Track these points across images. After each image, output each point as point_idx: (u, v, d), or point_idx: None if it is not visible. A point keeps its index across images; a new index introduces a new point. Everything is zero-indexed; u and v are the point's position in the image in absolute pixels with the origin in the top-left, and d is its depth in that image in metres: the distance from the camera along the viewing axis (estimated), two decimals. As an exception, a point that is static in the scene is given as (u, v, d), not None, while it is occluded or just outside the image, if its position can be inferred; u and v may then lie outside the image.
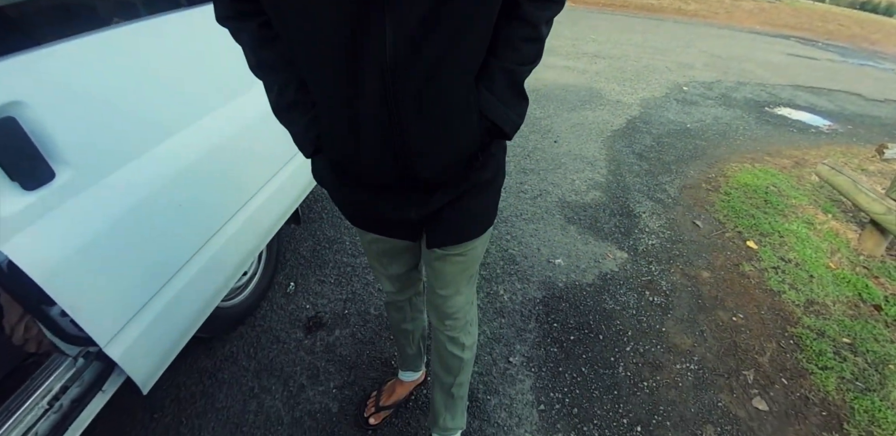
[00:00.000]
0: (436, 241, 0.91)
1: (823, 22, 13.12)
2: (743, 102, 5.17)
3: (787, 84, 6.23)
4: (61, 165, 0.82)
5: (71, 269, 0.82)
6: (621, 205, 2.71)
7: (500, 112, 0.76)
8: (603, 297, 1.93)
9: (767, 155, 3.79)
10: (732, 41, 9.27)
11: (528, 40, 0.72)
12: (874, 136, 4.62)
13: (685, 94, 5.23)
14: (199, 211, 1.16)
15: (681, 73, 6.14)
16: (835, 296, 2.14)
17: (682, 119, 4.41)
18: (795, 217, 2.80)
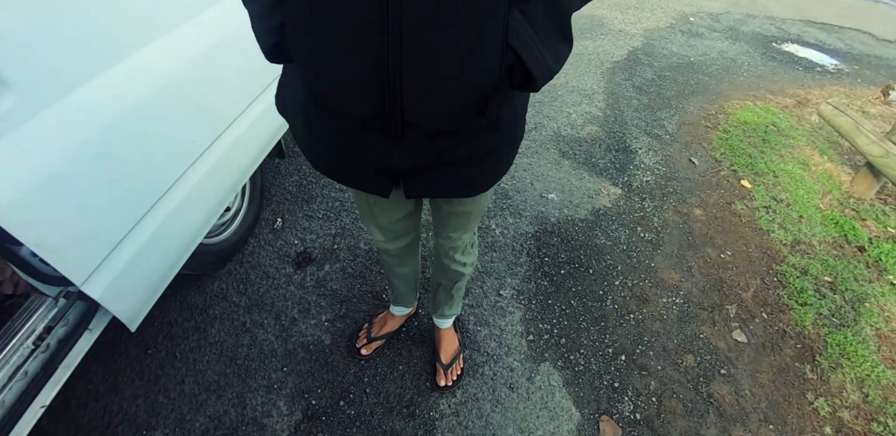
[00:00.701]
0: (415, 190, 0.75)
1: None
2: (750, 37, 4.90)
3: (798, 19, 5.90)
4: (2, 89, 0.71)
5: (32, 204, 0.73)
6: (618, 140, 2.61)
7: (531, 46, 0.57)
8: (595, 232, 1.90)
9: (770, 93, 3.66)
10: (745, -31, 8.63)
11: None
12: (880, 77, 4.47)
13: (691, 26, 4.92)
14: (171, 140, 1.04)
15: (687, 3, 5.74)
16: (821, 236, 2.15)
17: (686, 52, 4.18)
18: (792, 157, 2.75)
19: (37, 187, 0.74)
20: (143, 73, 0.95)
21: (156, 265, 1.03)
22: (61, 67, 0.80)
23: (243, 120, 1.29)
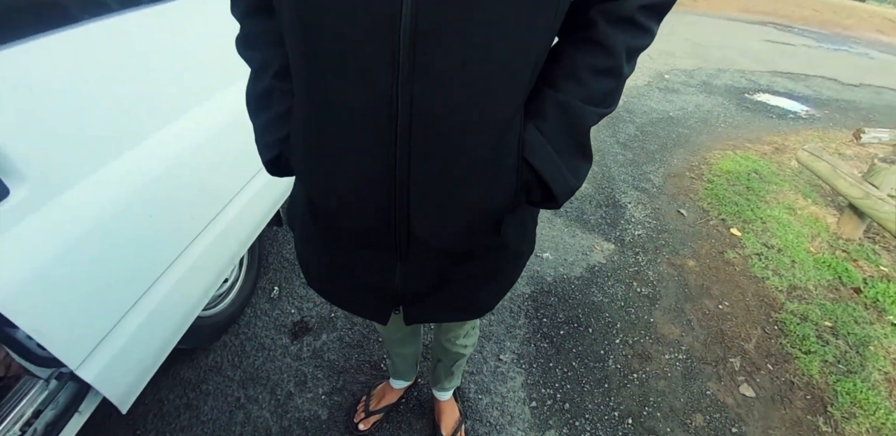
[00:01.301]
0: (416, 317, 0.71)
1: (798, 8, 13.26)
2: (724, 89, 5.20)
3: (766, 70, 6.29)
4: (16, 181, 0.76)
5: (32, 290, 0.77)
6: (607, 196, 2.72)
7: (549, 162, 0.55)
8: (591, 289, 1.94)
9: (748, 141, 3.83)
10: (712, 28, 9.31)
11: (600, 72, 0.54)
12: (850, 120, 4.69)
13: (667, 83, 5.24)
14: (173, 221, 1.10)
15: (662, 62, 6.15)
16: (816, 280, 2.18)
17: (665, 107, 4.42)
18: (777, 203, 2.84)
19: (39, 274, 0.77)
20: (147, 160, 1.02)
21: (151, 344, 1.04)
22: (72, 158, 0.86)
23: (243, 195, 1.35)
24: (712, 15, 11.20)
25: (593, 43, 0.53)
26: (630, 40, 0.53)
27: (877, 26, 12.12)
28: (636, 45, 0.54)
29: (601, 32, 0.52)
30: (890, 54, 8.85)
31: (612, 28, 0.52)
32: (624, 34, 0.52)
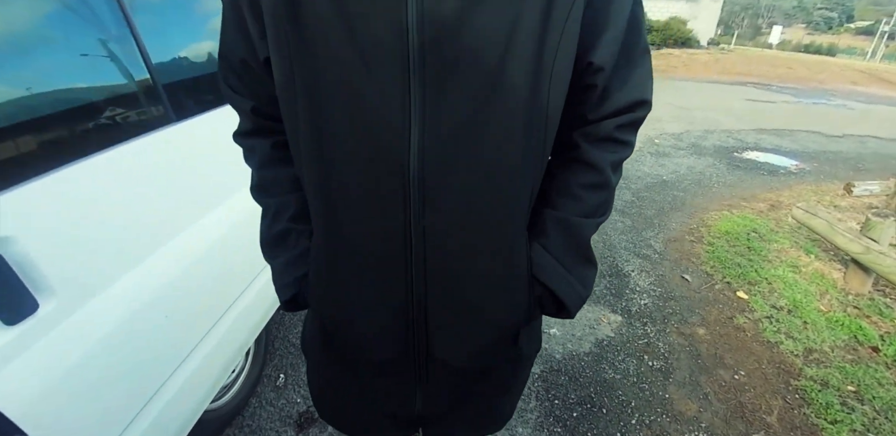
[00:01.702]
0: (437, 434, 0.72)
1: (773, 67, 14.13)
2: (713, 150, 5.45)
3: (751, 128, 6.60)
4: (46, 295, 0.80)
5: (48, 402, 0.79)
6: (609, 265, 2.79)
7: (557, 276, 0.61)
8: (602, 366, 1.95)
9: (743, 200, 3.95)
10: (694, 92, 9.90)
11: (591, 187, 0.61)
12: (840, 171, 4.84)
13: (658, 147, 5.51)
14: (186, 322, 1.16)
15: (651, 127, 6.50)
16: (831, 341, 2.16)
17: (658, 172, 4.62)
18: (780, 262, 2.88)
19: (57, 385, 0.79)
20: (164, 266, 1.09)
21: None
22: (95, 270, 0.91)
23: (252, 288, 1.42)
24: (692, 79, 11.95)
25: (581, 163, 0.61)
26: (612, 156, 0.61)
27: (850, 78, 12.79)
28: (619, 159, 0.62)
29: (585, 153, 0.60)
30: (867, 103, 9.26)
31: (594, 148, 0.60)
32: (606, 152, 0.60)
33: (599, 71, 0.55)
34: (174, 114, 1.21)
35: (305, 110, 0.53)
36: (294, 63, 0.52)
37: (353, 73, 0.50)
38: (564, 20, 0.51)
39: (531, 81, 0.51)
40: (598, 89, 0.57)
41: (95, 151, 0.96)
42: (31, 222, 0.79)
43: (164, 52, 1.25)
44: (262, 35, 0.55)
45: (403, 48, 0.48)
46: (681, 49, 16.84)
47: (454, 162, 0.52)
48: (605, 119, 0.59)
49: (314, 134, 0.54)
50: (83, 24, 1.01)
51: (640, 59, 0.59)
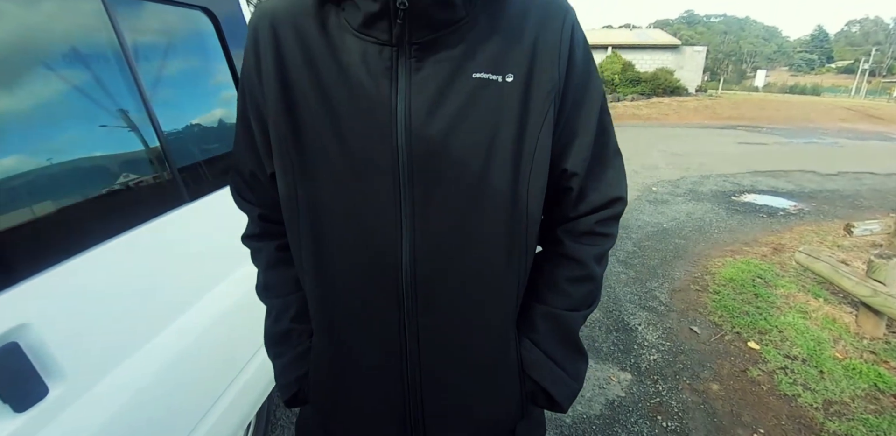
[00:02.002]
0: None
1: (761, 109, 14.64)
2: (710, 195, 5.55)
3: (746, 171, 6.75)
4: (55, 379, 0.80)
5: None
6: (616, 319, 2.79)
7: (549, 373, 0.64)
8: (615, 429, 1.90)
9: (745, 245, 3.98)
10: (687, 138, 10.23)
11: (576, 281, 0.65)
12: (839, 209, 4.89)
13: (656, 195, 5.63)
14: (186, 399, 1.16)
15: (648, 175, 6.68)
16: (851, 391, 2.10)
17: (658, 220, 4.69)
18: (789, 308, 2.86)
19: None
20: (169, 345, 1.11)
21: None
22: (103, 352, 0.92)
23: (255, 360, 1.42)
24: (684, 125, 12.40)
25: (565, 257, 0.65)
26: (595, 249, 0.65)
27: (838, 116, 13.16)
28: (601, 251, 0.65)
29: (569, 248, 0.65)
30: (857, 140, 9.47)
31: (577, 243, 0.64)
32: (588, 246, 0.64)
33: (574, 176, 0.62)
34: (188, 195, 1.29)
35: (306, 222, 0.60)
36: (297, 183, 0.60)
37: (349, 191, 0.57)
38: (538, 133, 0.58)
39: (511, 189, 0.58)
40: (575, 191, 0.63)
41: (113, 236, 1.01)
42: (47, 307, 0.82)
43: (180, 136, 1.34)
44: (269, 154, 0.62)
45: (394, 167, 0.56)
46: (670, 97, 17.60)
47: (445, 265, 0.58)
48: (585, 216, 0.65)
49: (315, 243, 0.61)
50: (108, 116, 1.09)
51: (612, 161, 0.65)
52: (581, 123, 0.61)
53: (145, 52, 1.24)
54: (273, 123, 0.60)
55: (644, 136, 10.85)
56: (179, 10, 1.40)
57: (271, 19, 0.59)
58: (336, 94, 0.57)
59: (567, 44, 0.58)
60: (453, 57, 0.56)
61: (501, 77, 0.56)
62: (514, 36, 0.57)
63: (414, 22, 0.53)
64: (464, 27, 0.56)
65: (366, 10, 0.53)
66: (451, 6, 0.54)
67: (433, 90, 0.55)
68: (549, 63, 0.57)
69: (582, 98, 0.61)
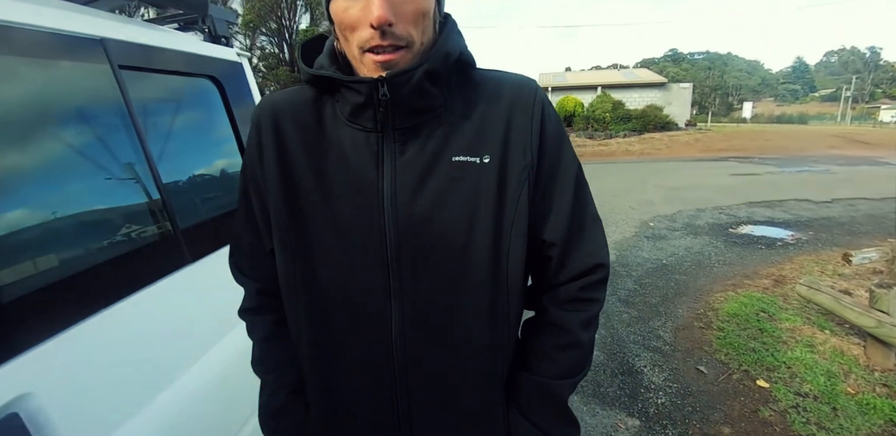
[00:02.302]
0: None
1: (751, 140, 14.98)
2: (707, 228, 5.59)
3: (741, 203, 6.82)
4: None
5: None
6: (620, 362, 2.75)
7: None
8: (626, 481, 1.84)
9: (746, 278, 3.97)
10: (680, 172, 10.41)
11: (563, 348, 0.66)
12: (837, 236, 4.90)
13: (653, 230, 5.67)
14: None
15: (644, 211, 6.75)
16: (867, 428, 2.04)
17: (657, 256, 4.71)
18: (795, 342, 2.82)
19: None
20: (166, 408, 1.11)
21: None
22: (103, 418, 0.92)
23: (250, 423, 1.40)
24: (677, 159, 12.65)
25: (550, 325, 0.67)
26: (581, 315, 0.66)
27: (827, 143, 13.43)
28: (587, 317, 0.67)
29: (553, 315, 0.66)
30: (848, 166, 9.61)
31: (562, 310, 0.66)
32: (573, 312, 0.66)
33: (552, 245, 0.65)
34: (190, 255, 1.33)
35: (304, 296, 0.65)
36: (295, 260, 0.65)
37: (341, 267, 0.62)
38: (514, 208, 0.62)
39: (492, 262, 0.62)
40: (555, 260, 0.66)
41: (117, 301, 1.02)
42: (48, 376, 0.82)
43: (183, 196, 1.39)
44: (268, 231, 0.67)
45: (382, 243, 0.61)
46: (661, 133, 18.07)
47: (432, 333, 0.62)
48: (567, 283, 0.67)
49: (311, 315, 0.65)
50: (113, 178, 1.13)
51: (590, 229, 0.68)
52: (557, 196, 0.65)
53: (153, 118, 1.32)
54: (273, 205, 0.65)
55: (638, 171, 11.06)
56: (188, 79, 1.51)
57: (273, 110, 0.66)
58: (330, 179, 0.63)
59: (538, 123, 0.63)
60: (434, 141, 0.61)
61: (479, 159, 0.61)
62: (488, 119, 0.62)
63: (396, 110, 0.59)
64: (442, 112, 0.62)
65: (353, 101, 0.59)
66: (429, 95, 0.60)
67: (416, 173, 0.61)
68: (522, 143, 0.62)
69: (556, 172, 0.65)
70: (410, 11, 0.54)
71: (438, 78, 0.60)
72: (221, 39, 1.70)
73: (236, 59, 1.73)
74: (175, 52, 1.40)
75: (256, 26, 22.92)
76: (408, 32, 0.55)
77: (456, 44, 0.61)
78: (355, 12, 0.53)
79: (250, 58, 1.95)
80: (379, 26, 0.52)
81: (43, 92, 0.98)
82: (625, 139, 17.25)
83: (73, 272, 0.95)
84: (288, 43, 23.67)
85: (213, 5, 1.65)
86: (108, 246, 1.09)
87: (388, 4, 0.51)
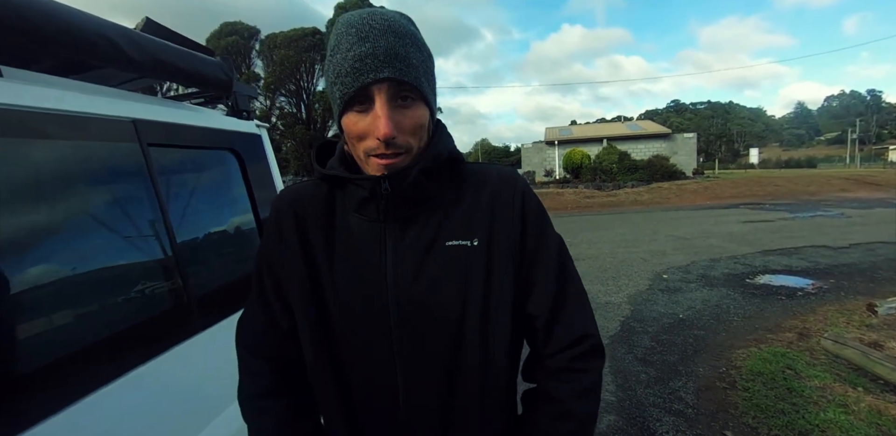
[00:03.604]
0: None
1: (761, 186, 14.97)
2: (723, 279, 5.46)
3: (756, 251, 6.70)
4: None
5: None
6: (640, 428, 2.60)
7: None
8: None
9: (768, 332, 3.81)
10: (691, 220, 10.35)
11: (554, 419, 0.70)
12: (859, 284, 4.74)
13: (667, 283, 5.55)
14: None
15: (656, 262, 6.65)
16: (917, 504, 1.86)
17: (673, 310, 4.57)
18: (827, 402, 2.66)
19: None
20: None
21: None
22: None
23: None
24: (686, 208, 12.62)
25: (542, 395, 0.71)
26: (573, 386, 0.70)
27: (838, 186, 13.35)
28: (581, 387, 0.70)
29: (545, 386, 0.71)
30: (862, 208, 9.48)
31: (552, 380, 0.71)
32: (564, 383, 0.70)
33: (537, 317, 0.71)
34: (201, 323, 1.34)
35: (328, 374, 0.72)
36: (321, 346, 0.72)
37: (352, 344, 0.71)
38: (500, 285, 0.70)
39: (480, 335, 0.69)
40: (541, 332, 0.72)
41: (133, 368, 1.05)
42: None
43: (198, 269, 1.42)
44: (284, 309, 0.76)
45: (386, 321, 0.69)
46: (669, 182, 18.21)
47: (432, 401, 0.69)
48: (557, 354, 0.71)
49: (338, 389, 0.72)
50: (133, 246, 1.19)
51: (576, 301, 0.73)
52: (541, 271, 0.72)
53: (176, 189, 1.40)
54: (298, 282, 0.73)
55: (648, 220, 11.03)
56: (210, 152, 1.60)
57: (291, 199, 0.76)
58: (341, 262, 0.71)
59: (519, 209, 0.72)
60: (430, 228, 0.70)
61: (470, 242, 0.70)
62: (476, 206, 0.72)
63: (396, 202, 0.68)
64: (437, 202, 0.72)
65: (359, 195, 0.69)
66: (424, 188, 0.69)
67: (415, 258, 0.69)
68: (506, 226, 0.71)
69: (538, 250, 0.73)
70: (409, 125, 0.65)
71: (431, 173, 0.70)
72: (243, 114, 1.83)
73: (256, 130, 1.85)
74: (199, 129, 1.51)
75: (276, 88, 24.57)
76: (407, 142, 0.65)
77: (446, 145, 0.72)
78: (363, 126, 0.64)
79: (270, 120, 2.06)
80: (384, 140, 0.62)
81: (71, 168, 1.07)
82: (633, 189, 17.39)
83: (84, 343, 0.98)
84: (305, 103, 25.19)
85: (238, 83, 1.78)
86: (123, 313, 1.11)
87: (392, 122, 0.62)
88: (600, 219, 12.07)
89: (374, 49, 0.61)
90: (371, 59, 0.60)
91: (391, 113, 0.62)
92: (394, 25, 0.63)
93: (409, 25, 0.66)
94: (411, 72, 0.63)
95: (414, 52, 0.64)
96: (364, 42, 0.61)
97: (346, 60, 0.62)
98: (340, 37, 0.63)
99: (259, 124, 1.88)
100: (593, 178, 20.09)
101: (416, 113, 0.65)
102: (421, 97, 0.66)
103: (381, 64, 0.61)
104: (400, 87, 0.63)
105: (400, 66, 0.61)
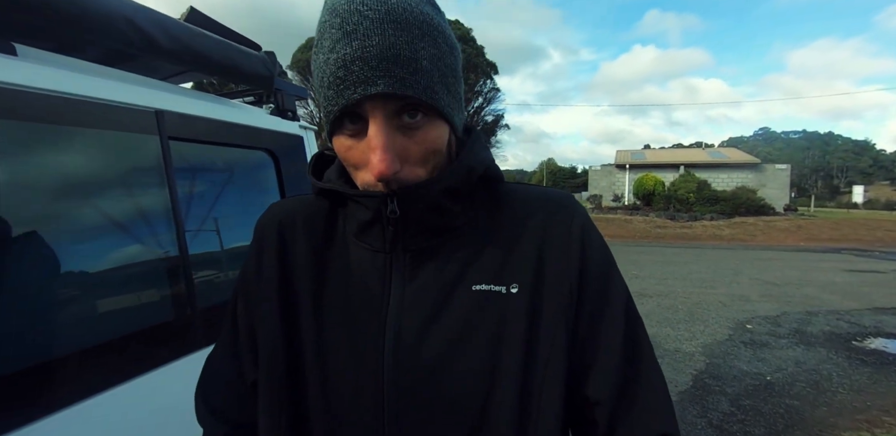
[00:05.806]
0: None
1: (868, 230, 13.27)
2: (823, 338, 4.69)
3: (865, 308, 5.77)
4: None
5: None
6: (717, 525, 2.12)
7: None
8: None
9: (884, 412, 3.13)
10: (780, 263, 9.29)
11: None
12: None
13: (752, 335, 4.87)
14: None
15: (738, 308, 5.91)
16: None
17: (759, 369, 3.94)
18: None
19: None
20: None
21: None
22: None
23: None
24: (775, 248, 11.39)
25: None
26: None
27: (969, 238, 11.51)
28: None
29: None
30: None
31: None
32: None
33: (597, 405, 0.52)
34: (205, 339, 1.27)
35: None
36: (282, 403, 0.54)
37: (330, 426, 0.52)
38: (548, 353, 0.50)
39: (515, 426, 0.49)
40: (601, 427, 0.52)
41: (136, 375, 1.01)
42: None
43: (204, 281, 1.34)
44: (253, 359, 0.58)
45: (378, 398, 0.49)
46: (755, 217, 16.71)
47: None
48: None
49: None
50: (146, 271, 1.13)
51: (649, 382, 0.53)
52: (603, 339, 0.53)
53: (198, 187, 1.34)
54: (266, 325, 0.56)
55: (728, 259, 10.02)
56: (243, 151, 1.53)
57: (280, 220, 0.60)
58: (328, 306, 0.55)
59: (577, 250, 0.54)
60: (452, 266, 0.53)
61: (505, 287, 0.52)
62: (517, 241, 0.54)
63: (408, 229, 0.52)
64: (463, 232, 0.54)
65: (360, 217, 0.53)
66: (449, 213, 0.53)
67: (428, 305, 0.51)
68: (558, 271, 0.53)
69: (602, 309, 0.53)
70: (419, 152, 0.48)
71: (459, 194, 0.53)
72: (288, 113, 1.72)
73: (298, 132, 1.75)
74: (230, 125, 1.42)
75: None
76: (415, 174, 0.49)
77: (479, 157, 0.54)
78: (357, 155, 0.48)
79: (318, 129, 1.97)
80: (380, 180, 0.46)
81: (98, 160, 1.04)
82: (712, 222, 16.09)
83: (91, 345, 0.95)
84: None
85: (284, 81, 1.69)
86: (129, 321, 1.06)
87: (392, 155, 0.45)
88: (672, 252, 11.16)
89: (364, 50, 0.42)
90: (359, 64, 0.43)
91: (390, 140, 0.45)
92: (395, 10, 0.43)
93: (422, 5, 0.46)
94: (419, 80, 0.44)
95: (425, 47, 0.45)
96: (350, 39, 0.43)
97: (328, 66, 0.45)
98: (323, 28, 0.46)
99: (304, 126, 1.75)
100: (666, 206, 18.91)
101: (428, 135, 0.48)
102: (436, 112, 0.47)
103: (374, 72, 0.43)
104: (403, 101, 0.45)
105: (401, 73, 0.43)
